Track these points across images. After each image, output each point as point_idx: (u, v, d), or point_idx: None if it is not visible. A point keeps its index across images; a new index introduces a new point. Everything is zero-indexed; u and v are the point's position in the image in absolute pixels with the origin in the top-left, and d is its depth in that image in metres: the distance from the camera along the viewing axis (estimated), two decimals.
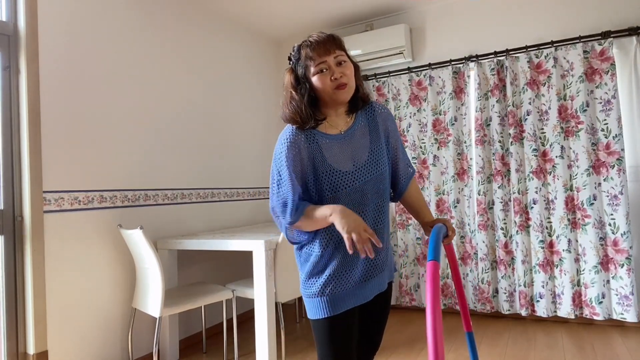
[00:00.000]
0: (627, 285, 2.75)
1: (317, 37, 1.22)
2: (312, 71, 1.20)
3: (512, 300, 3.12)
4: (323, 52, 1.19)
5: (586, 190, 2.88)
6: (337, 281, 1.23)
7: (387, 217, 1.31)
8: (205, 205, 3.22)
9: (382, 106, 1.37)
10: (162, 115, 2.93)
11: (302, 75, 1.23)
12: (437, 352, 0.76)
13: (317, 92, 1.22)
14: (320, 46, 1.19)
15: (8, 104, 2.16)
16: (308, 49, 1.21)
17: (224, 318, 2.70)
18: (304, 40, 1.25)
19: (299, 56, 1.24)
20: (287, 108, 1.25)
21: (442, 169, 3.39)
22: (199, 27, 3.29)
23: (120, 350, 2.54)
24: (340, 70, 1.20)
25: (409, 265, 3.49)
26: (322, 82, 1.19)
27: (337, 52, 1.21)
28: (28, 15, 2.19)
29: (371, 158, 1.27)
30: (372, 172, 1.25)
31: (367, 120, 1.31)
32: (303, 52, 1.22)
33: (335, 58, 1.20)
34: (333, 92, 1.20)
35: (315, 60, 1.19)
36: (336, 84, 1.19)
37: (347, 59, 1.23)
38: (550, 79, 3.00)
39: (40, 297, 2.15)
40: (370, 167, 1.26)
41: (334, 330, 1.24)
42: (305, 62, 1.21)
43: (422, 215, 1.40)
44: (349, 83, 1.22)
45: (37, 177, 2.18)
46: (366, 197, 1.24)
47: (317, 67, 1.19)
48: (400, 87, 3.55)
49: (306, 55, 1.21)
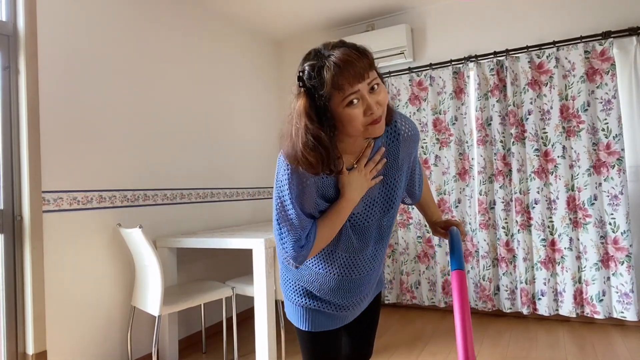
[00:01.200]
0: (627, 283, 2.75)
1: (344, 57, 0.89)
2: (340, 102, 0.91)
3: (514, 298, 3.12)
4: (355, 79, 0.89)
5: (587, 190, 2.88)
6: (324, 305, 1.15)
7: (385, 245, 1.19)
8: (204, 205, 3.21)
9: (407, 125, 1.11)
10: (162, 115, 2.92)
11: (323, 105, 0.92)
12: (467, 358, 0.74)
13: (341, 126, 0.94)
14: (351, 70, 0.89)
15: (7, 104, 2.15)
16: (336, 75, 0.89)
17: (224, 317, 2.69)
18: (321, 56, 0.92)
19: (318, 81, 0.91)
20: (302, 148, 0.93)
21: (443, 169, 3.38)
22: (199, 27, 3.29)
23: (120, 350, 2.54)
24: (376, 100, 0.92)
25: (410, 263, 3.48)
26: (353, 117, 0.91)
27: (370, 75, 0.92)
28: (27, 15, 2.18)
29: (383, 193, 1.09)
30: (381, 210, 1.10)
31: (386, 145, 1.08)
32: (327, 75, 0.89)
33: (368, 85, 0.91)
34: (365, 129, 0.93)
35: (344, 89, 0.89)
36: (371, 120, 0.92)
37: (380, 81, 0.95)
38: (552, 79, 3.00)
39: (39, 297, 2.15)
40: (380, 204, 1.09)
41: (317, 344, 1.17)
42: (331, 91, 0.90)
43: (430, 212, 1.33)
44: (384, 114, 0.96)
45: (36, 177, 2.18)
46: (370, 231, 1.11)
47: (346, 98, 0.90)
48: (401, 87, 3.54)
49: (332, 83, 0.89)
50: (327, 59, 0.91)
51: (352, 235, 1.08)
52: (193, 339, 3.00)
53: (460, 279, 0.88)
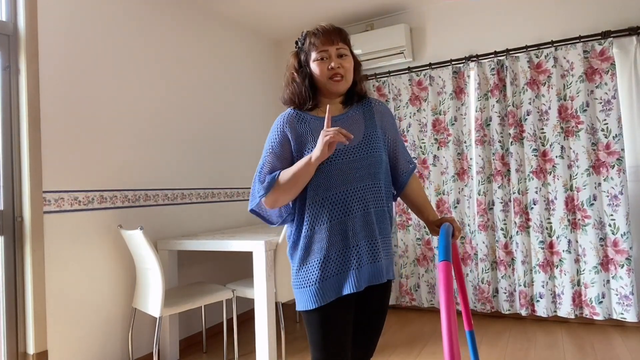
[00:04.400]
0: (627, 285, 2.75)
1: (324, 27, 1.27)
2: (313, 57, 1.26)
3: (512, 300, 3.12)
4: (326, 41, 1.24)
5: (586, 190, 2.88)
6: (329, 265, 1.20)
7: (380, 204, 1.26)
8: (205, 205, 3.22)
9: (379, 101, 1.39)
10: (162, 115, 2.93)
11: (304, 60, 1.29)
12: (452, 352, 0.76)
13: (314, 79, 1.28)
14: (325, 35, 1.25)
15: (8, 104, 2.16)
16: (314, 37, 1.26)
17: (224, 318, 2.70)
18: (313, 27, 1.30)
19: (304, 42, 1.29)
20: (287, 89, 1.31)
21: (442, 169, 3.39)
22: (199, 28, 3.29)
23: (120, 350, 2.54)
24: (339, 62, 1.24)
25: (409, 265, 3.48)
26: (319, 69, 1.25)
27: (341, 44, 1.26)
28: (28, 15, 2.19)
29: (364, 142, 1.27)
30: (363, 153, 1.25)
31: (362, 112, 1.33)
32: (308, 39, 1.27)
33: (337, 50, 1.25)
34: (327, 81, 1.25)
35: (317, 47, 1.24)
36: (332, 73, 1.24)
37: (349, 54, 1.28)
38: (550, 79, 3.00)
39: (40, 297, 2.15)
40: (362, 149, 1.26)
41: (326, 321, 1.19)
42: (309, 48, 1.26)
43: (426, 213, 1.37)
44: (345, 76, 1.26)
45: (36, 177, 2.18)
46: (354, 177, 1.22)
47: (318, 54, 1.25)
48: (401, 87, 3.55)
49: (310, 42, 1.26)
50: (313, 28, 1.28)
51: (334, 173, 1.22)
52: (194, 339, 3.01)
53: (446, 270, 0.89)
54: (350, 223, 1.21)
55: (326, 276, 1.20)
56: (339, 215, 1.21)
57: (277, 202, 1.24)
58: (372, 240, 1.23)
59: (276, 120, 1.32)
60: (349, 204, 1.21)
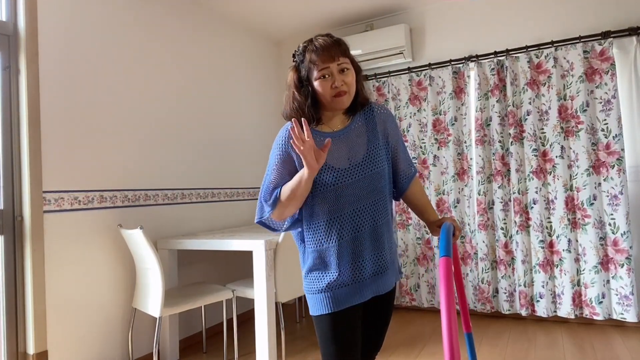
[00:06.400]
0: (627, 285, 2.75)
1: (322, 42, 1.23)
2: (315, 75, 1.23)
3: (512, 300, 3.12)
4: (327, 58, 1.21)
5: (586, 190, 2.88)
6: (341, 277, 1.23)
7: (387, 215, 1.30)
8: (205, 205, 3.22)
9: (381, 107, 1.38)
10: (162, 115, 2.93)
11: (305, 77, 1.26)
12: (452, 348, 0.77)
13: (317, 95, 1.26)
14: (324, 52, 1.21)
15: (8, 104, 2.16)
16: (313, 54, 1.22)
17: (224, 318, 2.70)
18: (310, 41, 1.26)
19: (303, 58, 1.26)
20: (288, 106, 1.29)
21: (442, 169, 3.39)
22: (199, 27, 3.29)
23: (120, 350, 2.54)
24: (342, 78, 1.22)
25: (409, 265, 3.48)
26: (322, 88, 1.22)
27: (341, 59, 1.23)
28: (28, 16, 2.19)
29: (368, 157, 1.28)
30: (368, 170, 1.26)
31: (364, 121, 1.33)
32: (307, 55, 1.24)
33: (338, 65, 1.22)
34: (332, 100, 1.23)
35: (318, 66, 1.21)
36: (335, 92, 1.22)
37: (350, 66, 1.25)
38: (550, 79, 3.00)
39: (40, 297, 2.15)
40: (366, 165, 1.27)
41: (338, 327, 1.23)
42: (309, 65, 1.23)
43: (427, 214, 1.40)
44: (349, 91, 1.25)
45: (37, 176, 2.18)
46: (361, 194, 1.24)
47: (319, 72, 1.22)
48: (401, 87, 3.55)
49: (310, 60, 1.23)
50: (311, 43, 1.25)
51: (344, 194, 1.24)
52: (194, 339, 3.01)
53: (446, 266, 0.90)
54: (360, 239, 1.25)
55: (339, 286, 1.23)
56: (350, 232, 1.24)
57: (283, 214, 1.27)
58: (380, 252, 1.28)
59: (279, 135, 1.30)
60: (359, 222, 1.25)
